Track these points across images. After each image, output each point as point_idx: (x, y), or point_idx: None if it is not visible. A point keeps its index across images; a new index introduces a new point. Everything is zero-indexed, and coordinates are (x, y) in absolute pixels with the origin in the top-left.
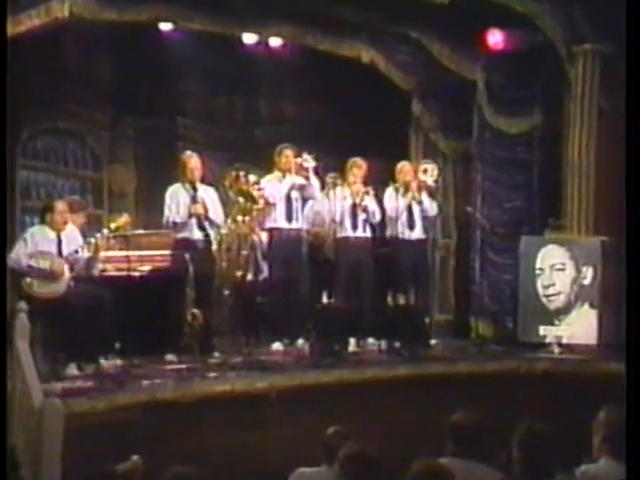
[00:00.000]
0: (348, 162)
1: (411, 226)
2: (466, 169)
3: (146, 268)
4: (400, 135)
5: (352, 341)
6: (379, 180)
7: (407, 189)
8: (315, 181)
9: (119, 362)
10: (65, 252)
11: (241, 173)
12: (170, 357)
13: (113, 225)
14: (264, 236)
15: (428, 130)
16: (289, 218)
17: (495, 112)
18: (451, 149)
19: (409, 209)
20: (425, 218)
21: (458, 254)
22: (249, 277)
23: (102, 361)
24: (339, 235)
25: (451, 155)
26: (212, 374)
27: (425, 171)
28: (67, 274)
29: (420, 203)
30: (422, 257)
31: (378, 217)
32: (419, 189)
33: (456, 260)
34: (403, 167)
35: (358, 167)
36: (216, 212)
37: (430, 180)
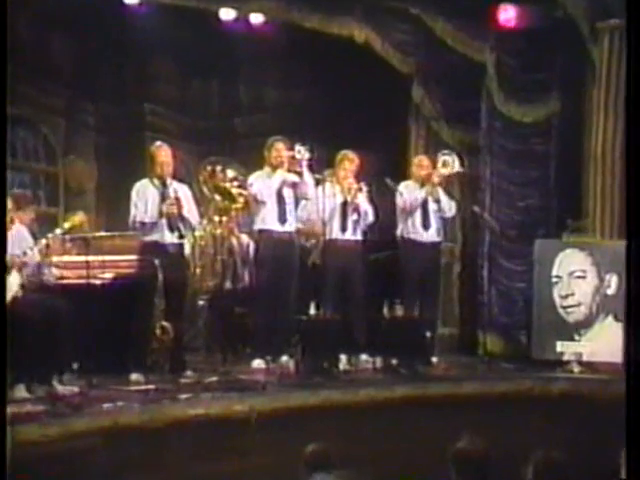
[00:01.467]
0: (338, 155)
1: (425, 226)
2: (473, 163)
3: (109, 275)
4: (398, 125)
5: (343, 358)
6: (372, 175)
7: (423, 185)
8: (309, 177)
9: (76, 383)
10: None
11: (218, 167)
12: (136, 377)
13: (67, 224)
14: (245, 238)
15: (430, 119)
16: (281, 219)
17: (507, 98)
18: (456, 140)
19: (424, 207)
20: (441, 219)
21: (464, 259)
22: (227, 285)
23: (56, 382)
24: (327, 237)
25: (456, 147)
26: (184, 395)
27: (445, 164)
28: (14, 280)
29: (437, 201)
30: (433, 262)
31: (371, 218)
32: (436, 186)
33: (461, 266)
34: (421, 161)
35: (349, 160)
36: (189, 211)
37: (453, 172)
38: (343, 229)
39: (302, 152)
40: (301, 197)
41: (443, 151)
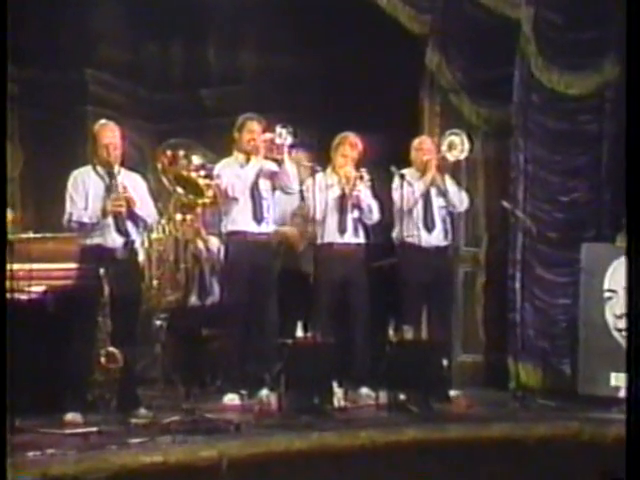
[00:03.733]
0: (336, 138)
1: (428, 226)
2: (503, 147)
3: (38, 288)
4: (408, 100)
5: (338, 391)
6: (377, 163)
7: (425, 173)
8: (291, 166)
9: None
10: None
11: (180, 152)
12: (72, 416)
13: None
14: (215, 242)
15: (448, 91)
16: (257, 218)
17: (547, 64)
18: (481, 118)
19: (425, 201)
20: (450, 215)
21: (490, 268)
22: (191, 301)
23: None
24: (320, 241)
25: (481, 126)
26: (136, 439)
27: (452, 146)
28: None
29: (443, 194)
30: (441, 272)
31: (376, 215)
32: (442, 173)
33: (487, 277)
34: (422, 143)
35: (351, 145)
36: (143, 208)
37: (461, 157)
38: (341, 230)
39: (283, 135)
40: (281, 190)
41: (450, 130)
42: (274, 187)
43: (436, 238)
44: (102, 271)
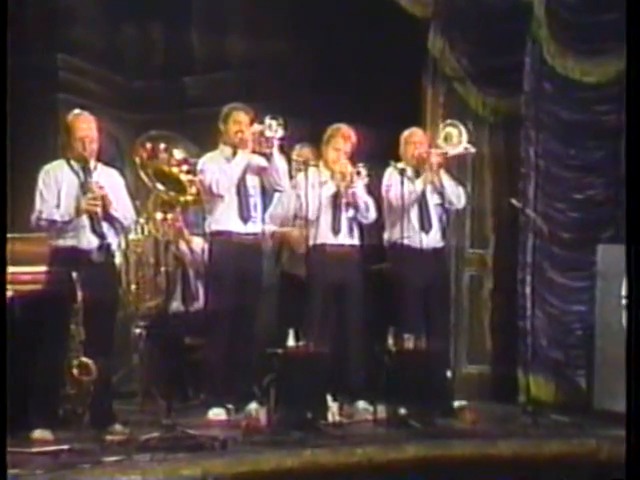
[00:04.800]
0: (328, 130)
1: (424, 227)
2: (512, 140)
3: (4, 294)
4: (409, 88)
5: (333, 406)
6: (374, 158)
7: (419, 169)
8: (281, 161)
9: None
10: None
11: (161, 145)
12: (41, 433)
13: None
14: (199, 243)
15: (453, 79)
16: (243, 217)
17: (561, 50)
18: (489, 108)
19: (421, 201)
20: (447, 214)
21: (498, 272)
22: (173, 307)
23: None
24: (313, 242)
25: (489, 118)
26: (111, 458)
27: (448, 138)
28: None
29: (439, 191)
30: (440, 276)
31: (373, 214)
32: (437, 169)
33: (495, 281)
34: (412, 135)
35: (344, 137)
36: (121, 206)
37: (457, 150)
38: (335, 230)
39: (274, 127)
40: (270, 188)
41: (446, 121)
42: (262, 184)
43: (433, 239)
44: (75, 275)
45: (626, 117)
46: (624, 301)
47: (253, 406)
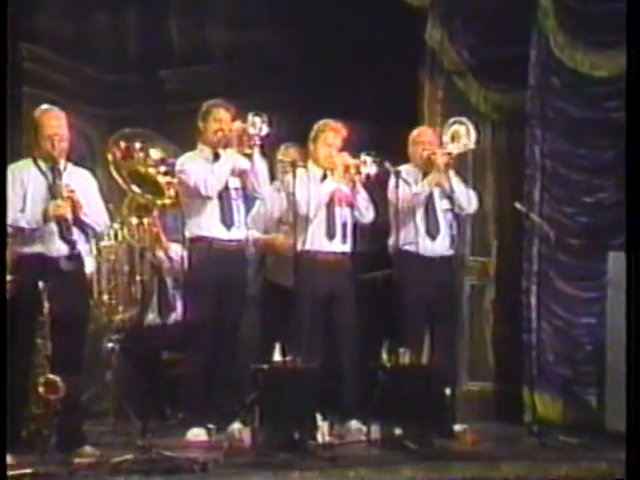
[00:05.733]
0: (315, 127)
1: (430, 232)
2: (516, 138)
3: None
4: (405, 82)
5: (323, 425)
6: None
7: (425, 170)
8: (261, 164)
9: None
10: None
11: (136, 144)
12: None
13: None
14: (177, 250)
15: (452, 73)
16: (225, 222)
17: (569, 41)
18: (491, 104)
19: (427, 203)
20: (456, 219)
21: (501, 281)
22: (150, 319)
23: None
24: (302, 247)
25: (491, 114)
26: None
27: (455, 137)
28: None
29: (448, 194)
30: (446, 285)
31: (372, 212)
32: (446, 170)
33: (497, 291)
34: (421, 135)
35: (334, 131)
36: (92, 210)
37: (466, 149)
38: (330, 234)
39: (257, 124)
40: (250, 194)
41: (453, 118)
42: (245, 186)
43: (440, 246)
44: (42, 284)
45: (626, 119)
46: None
47: (236, 426)
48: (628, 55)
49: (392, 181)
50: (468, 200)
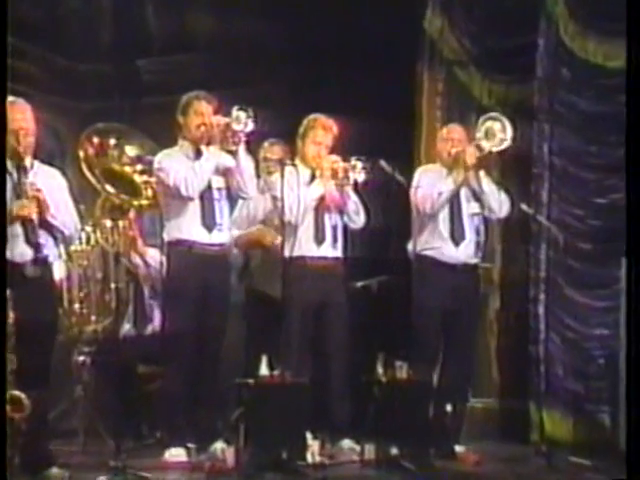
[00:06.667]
0: (304, 122)
1: (454, 237)
2: (522, 134)
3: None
4: (401, 73)
5: (313, 444)
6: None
7: (452, 170)
8: (247, 162)
9: None
10: None
11: (111, 140)
12: None
13: None
14: (155, 255)
15: (453, 63)
16: (207, 224)
17: (581, 29)
18: (495, 97)
19: (452, 205)
20: (484, 224)
21: (506, 289)
22: (125, 329)
23: None
24: (290, 254)
25: (494, 108)
26: None
27: (490, 134)
28: None
29: (477, 196)
30: (466, 295)
31: (363, 218)
32: (475, 170)
33: (502, 300)
34: (451, 132)
35: (324, 128)
36: (61, 212)
37: (501, 147)
38: (319, 239)
39: (242, 119)
40: (235, 193)
41: (486, 115)
42: (228, 186)
43: (464, 252)
44: (8, 293)
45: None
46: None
47: (219, 445)
48: (628, 49)
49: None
50: (499, 203)
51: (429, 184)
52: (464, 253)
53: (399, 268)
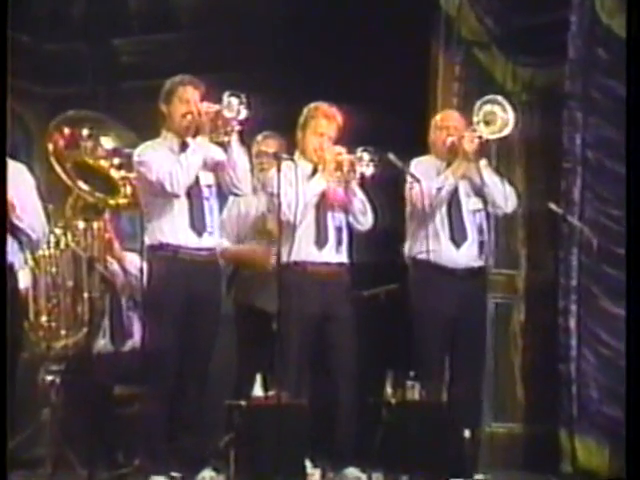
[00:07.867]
0: (304, 111)
1: (454, 238)
2: (552, 124)
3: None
4: (414, 56)
5: (314, 473)
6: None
7: (451, 162)
8: (240, 155)
9: None
10: None
11: (84, 131)
12: None
13: None
14: (134, 260)
15: (473, 44)
16: (195, 226)
17: (620, 4)
18: (520, 82)
19: (450, 202)
20: (488, 222)
21: (532, 299)
22: (100, 345)
23: None
24: (288, 258)
25: (520, 94)
26: None
27: (490, 120)
28: None
29: (478, 191)
30: (471, 304)
31: (370, 218)
32: (475, 160)
33: (528, 311)
34: (446, 119)
35: (327, 117)
36: (28, 212)
37: (502, 134)
38: (321, 242)
39: (234, 106)
40: (228, 190)
41: (484, 97)
42: (219, 182)
43: (467, 255)
44: None
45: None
46: None
47: (206, 474)
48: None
49: (406, 177)
50: (504, 196)
51: (425, 178)
52: (466, 256)
53: (410, 275)
